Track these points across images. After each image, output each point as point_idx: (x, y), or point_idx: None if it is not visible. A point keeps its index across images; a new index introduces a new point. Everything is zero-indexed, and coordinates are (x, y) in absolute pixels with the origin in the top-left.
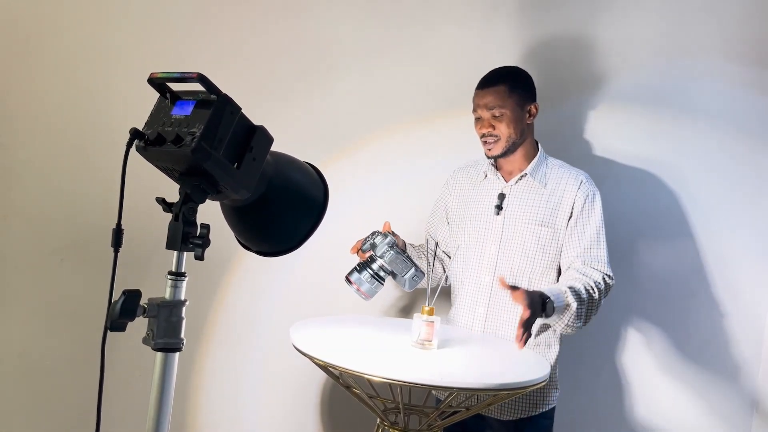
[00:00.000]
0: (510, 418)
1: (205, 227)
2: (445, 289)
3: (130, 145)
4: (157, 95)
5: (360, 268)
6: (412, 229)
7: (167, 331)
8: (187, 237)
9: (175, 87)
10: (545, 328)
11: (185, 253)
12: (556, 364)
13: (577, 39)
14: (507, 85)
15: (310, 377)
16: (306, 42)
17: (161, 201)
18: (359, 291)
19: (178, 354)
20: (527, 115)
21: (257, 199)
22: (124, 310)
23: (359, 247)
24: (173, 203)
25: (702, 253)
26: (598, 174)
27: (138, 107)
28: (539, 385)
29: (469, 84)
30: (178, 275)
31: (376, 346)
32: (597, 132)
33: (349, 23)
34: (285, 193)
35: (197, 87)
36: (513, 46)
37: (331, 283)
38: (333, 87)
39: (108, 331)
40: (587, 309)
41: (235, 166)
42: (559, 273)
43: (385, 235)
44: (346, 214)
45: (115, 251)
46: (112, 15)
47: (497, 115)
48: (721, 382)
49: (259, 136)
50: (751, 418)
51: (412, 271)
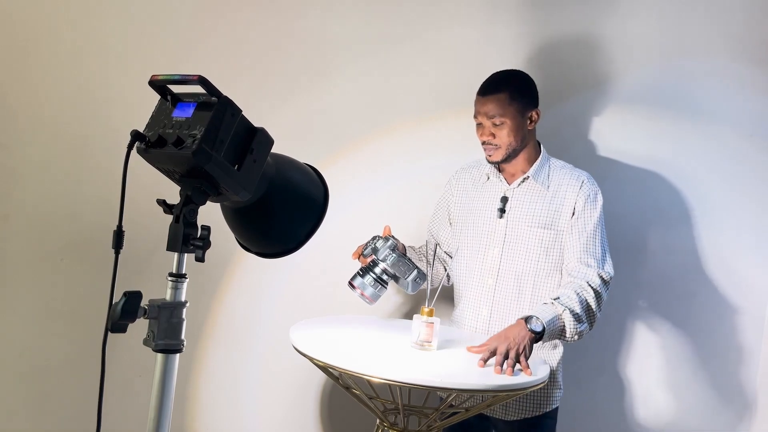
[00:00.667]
0: (514, 419)
1: (206, 229)
2: (446, 290)
3: (131, 147)
4: (158, 97)
5: (363, 273)
6: (412, 230)
7: (168, 332)
8: (187, 238)
9: (176, 89)
10: None
11: (186, 254)
12: (559, 365)
13: (578, 39)
14: (508, 92)
15: (309, 378)
16: (306, 43)
17: (162, 203)
18: (363, 295)
19: (178, 355)
20: (528, 122)
21: (258, 201)
22: (124, 311)
23: (360, 253)
24: (174, 205)
25: (702, 253)
26: (598, 174)
27: (139, 109)
28: (538, 386)
29: (469, 84)
30: (178, 276)
31: (375, 347)
32: (598, 132)
33: (350, 23)
34: (285, 195)
35: (198, 89)
36: (514, 46)
37: (330, 284)
38: (333, 87)
39: (109, 333)
40: (586, 310)
41: (235, 167)
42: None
43: (386, 239)
44: (346, 216)
45: (116, 253)
46: (112, 16)
47: (498, 123)
48: (722, 382)
49: (259, 138)
50: (751, 418)
51: (415, 273)
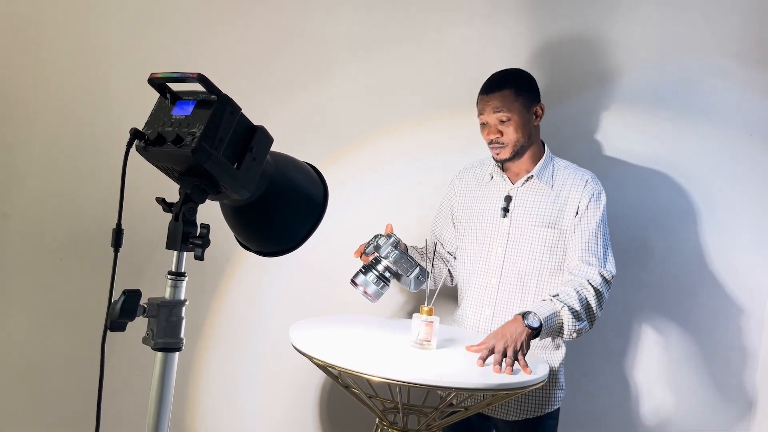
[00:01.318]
0: (516, 419)
1: (205, 227)
2: (446, 289)
3: (130, 145)
4: (157, 95)
5: (365, 270)
6: (412, 229)
7: (167, 330)
8: (187, 237)
9: (176, 87)
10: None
11: (185, 252)
12: (561, 365)
13: (578, 39)
14: (512, 88)
15: (309, 377)
16: (306, 42)
17: (161, 201)
18: (366, 293)
19: (177, 354)
20: (534, 117)
21: (257, 199)
22: (124, 309)
23: (362, 251)
24: (173, 203)
25: (703, 253)
26: (598, 173)
27: (138, 107)
28: (538, 386)
29: (470, 83)
30: (178, 275)
31: (375, 346)
32: (597, 131)
33: (350, 23)
34: (285, 194)
35: (197, 87)
36: (514, 46)
37: (330, 283)
38: (333, 87)
39: (108, 331)
40: (586, 309)
41: (235, 166)
42: None
43: (388, 236)
44: (346, 214)
45: (115, 251)
46: (112, 15)
47: (504, 120)
48: (722, 381)
49: (259, 136)
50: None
51: (417, 270)
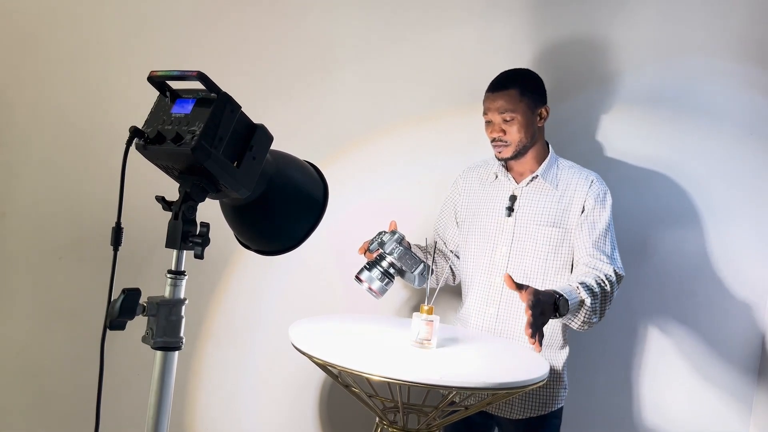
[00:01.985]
0: (519, 417)
1: (205, 226)
2: (447, 288)
3: (129, 144)
4: (156, 93)
5: (370, 267)
6: (413, 229)
7: (167, 329)
8: (186, 236)
9: (175, 85)
10: (558, 331)
11: (185, 251)
12: (565, 364)
13: (578, 39)
14: (518, 88)
15: (309, 376)
16: (306, 41)
17: (161, 199)
18: (370, 289)
19: (177, 353)
20: (538, 118)
21: (257, 198)
22: (123, 308)
23: (366, 248)
24: (173, 202)
25: (703, 253)
26: (598, 173)
27: (138, 105)
28: (538, 385)
29: (470, 83)
30: (177, 274)
31: (375, 345)
32: (599, 131)
33: (350, 22)
34: (285, 192)
35: (197, 85)
36: (514, 46)
37: (330, 283)
38: (333, 86)
39: (107, 330)
40: (601, 303)
41: (235, 164)
42: (572, 271)
43: (393, 232)
44: (346, 214)
45: (115, 250)
46: (111, 13)
47: (508, 119)
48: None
49: (259, 135)
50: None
51: (422, 267)
